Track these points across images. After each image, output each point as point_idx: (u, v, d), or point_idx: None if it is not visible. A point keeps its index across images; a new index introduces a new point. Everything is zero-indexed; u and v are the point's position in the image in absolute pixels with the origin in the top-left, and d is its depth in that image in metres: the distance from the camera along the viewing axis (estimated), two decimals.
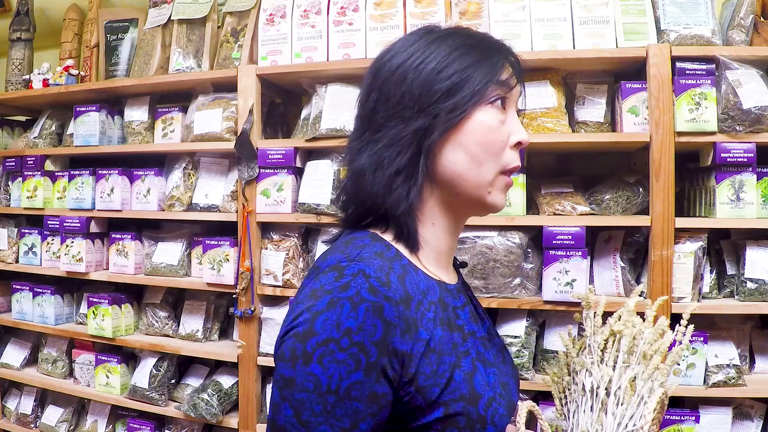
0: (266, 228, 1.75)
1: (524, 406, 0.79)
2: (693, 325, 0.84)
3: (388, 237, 0.73)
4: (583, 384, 0.74)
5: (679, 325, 0.82)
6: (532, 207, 1.56)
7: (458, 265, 0.90)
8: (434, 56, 0.70)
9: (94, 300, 1.94)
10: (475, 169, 0.71)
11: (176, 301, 2.01)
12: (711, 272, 1.51)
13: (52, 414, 2.11)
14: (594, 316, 0.82)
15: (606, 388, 0.72)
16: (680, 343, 0.80)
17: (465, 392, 0.66)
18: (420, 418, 0.64)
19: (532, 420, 0.78)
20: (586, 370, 0.75)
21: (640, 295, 1.50)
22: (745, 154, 1.38)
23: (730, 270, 1.51)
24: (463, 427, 0.65)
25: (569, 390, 0.78)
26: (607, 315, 0.86)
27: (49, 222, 2.06)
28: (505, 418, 0.70)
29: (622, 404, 0.70)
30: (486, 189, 0.72)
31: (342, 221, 0.79)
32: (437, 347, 0.65)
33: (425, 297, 0.68)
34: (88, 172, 1.99)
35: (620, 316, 0.80)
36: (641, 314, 0.84)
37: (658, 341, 0.74)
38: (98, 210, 1.98)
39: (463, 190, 0.72)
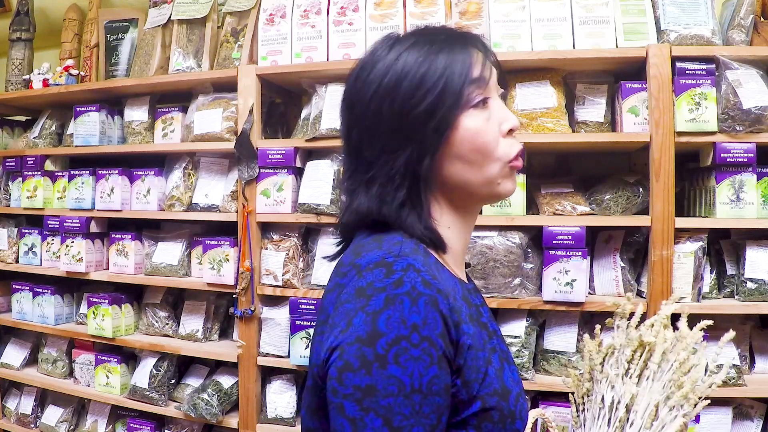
0: (266, 228, 1.75)
1: (533, 414, 0.78)
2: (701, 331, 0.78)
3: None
4: (603, 396, 0.70)
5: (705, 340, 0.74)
6: (532, 207, 1.56)
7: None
8: (403, 74, 0.68)
9: (94, 300, 1.94)
10: (477, 171, 0.71)
11: (176, 301, 2.01)
12: (711, 272, 1.51)
13: (52, 414, 2.11)
14: (627, 327, 0.76)
15: (627, 406, 0.68)
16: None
17: (497, 387, 0.67)
18: (461, 412, 0.64)
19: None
20: (609, 382, 0.71)
21: (638, 295, 1.51)
22: (745, 154, 1.38)
23: (730, 270, 1.51)
24: (496, 422, 0.65)
25: (588, 397, 0.75)
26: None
27: (49, 222, 2.06)
28: (527, 413, 0.71)
29: (643, 428, 0.66)
30: (495, 182, 0.72)
31: (358, 225, 0.76)
32: (474, 342, 0.66)
33: (456, 293, 0.69)
34: (88, 172, 1.99)
35: (653, 325, 0.74)
36: (675, 323, 0.76)
37: (690, 361, 0.69)
38: (98, 210, 1.98)
39: (472, 191, 0.73)
